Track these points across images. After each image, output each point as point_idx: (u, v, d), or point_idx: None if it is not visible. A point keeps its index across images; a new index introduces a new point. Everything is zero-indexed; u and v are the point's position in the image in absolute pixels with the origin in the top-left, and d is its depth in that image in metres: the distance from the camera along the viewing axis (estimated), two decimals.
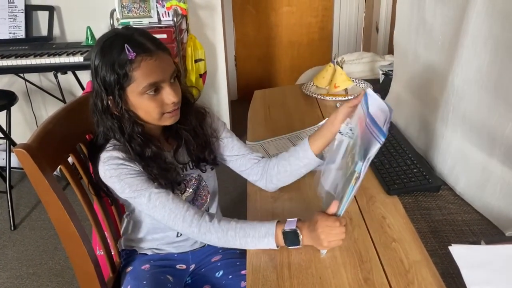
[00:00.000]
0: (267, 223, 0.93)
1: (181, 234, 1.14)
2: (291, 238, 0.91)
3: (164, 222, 0.98)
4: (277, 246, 0.92)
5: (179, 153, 1.09)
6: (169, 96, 0.97)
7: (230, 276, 1.12)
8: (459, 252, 0.81)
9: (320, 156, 1.05)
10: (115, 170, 0.97)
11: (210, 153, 1.11)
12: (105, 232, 1.16)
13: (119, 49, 0.92)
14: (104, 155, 1.00)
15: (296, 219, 0.92)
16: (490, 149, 0.96)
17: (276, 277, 0.85)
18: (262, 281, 0.85)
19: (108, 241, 1.18)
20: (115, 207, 1.22)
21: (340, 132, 0.96)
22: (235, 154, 1.14)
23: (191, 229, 0.96)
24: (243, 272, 1.08)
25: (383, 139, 0.78)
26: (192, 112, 1.08)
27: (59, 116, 1.06)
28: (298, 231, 0.90)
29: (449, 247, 0.84)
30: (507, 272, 0.77)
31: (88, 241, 1.04)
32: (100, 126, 1.01)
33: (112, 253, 1.19)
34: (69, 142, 1.08)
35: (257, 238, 0.92)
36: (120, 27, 2.40)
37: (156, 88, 0.96)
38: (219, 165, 1.18)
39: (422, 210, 1.01)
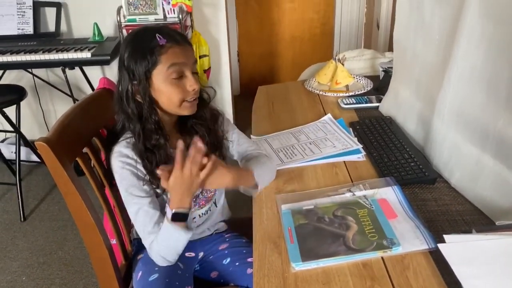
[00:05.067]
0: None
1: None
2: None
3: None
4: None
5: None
6: (191, 83, 1.05)
7: (237, 263, 1.18)
8: (449, 250, 0.86)
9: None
10: (120, 169, 1.06)
11: (220, 154, 1.18)
12: (118, 222, 1.23)
13: (149, 38, 1.02)
14: (116, 148, 1.08)
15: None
16: (483, 143, 1.02)
17: (281, 263, 0.91)
18: (268, 266, 0.91)
19: (121, 230, 1.24)
20: None
21: (351, 191, 1.09)
22: (241, 153, 1.23)
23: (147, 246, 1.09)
24: (249, 259, 1.15)
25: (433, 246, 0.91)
26: (207, 110, 1.14)
27: (75, 111, 1.12)
28: (167, 204, 1.04)
29: (444, 236, 0.89)
30: (496, 264, 0.82)
31: (103, 230, 1.10)
32: (120, 114, 1.08)
33: (125, 242, 1.26)
34: (85, 136, 1.14)
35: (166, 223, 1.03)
36: (126, 23, 2.46)
37: (179, 73, 1.04)
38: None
39: (418, 201, 1.07)
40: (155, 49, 1.01)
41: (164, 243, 1.05)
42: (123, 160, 1.06)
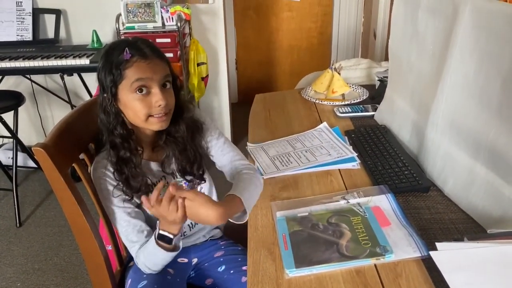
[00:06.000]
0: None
1: (183, 234, 1.21)
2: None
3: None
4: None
5: (166, 163, 1.14)
6: (157, 98, 1.02)
7: (232, 271, 1.19)
8: (441, 257, 0.86)
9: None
10: (99, 179, 1.08)
11: (199, 168, 1.16)
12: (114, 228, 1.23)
13: (119, 52, 1.02)
14: (96, 159, 1.10)
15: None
16: (476, 153, 1.03)
17: (275, 270, 0.92)
18: (262, 273, 0.91)
19: (116, 236, 1.24)
20: None
21: (346, 199, 1.10)
22: (225, 163, 1.21)
23: (133, 255, 1.11)
24: (244, 268, 1.15)
25: (426, 253, 0.92)
26: (184, 124, 1.12)
27: (72, 117, 1.13)
28: (157, 227, 1.04)
29: (436, 244, 0.90)
30: (487, 272, 0.83)
31: (99, 236, 1.10)
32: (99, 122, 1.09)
33: (120, 248, 1.26)
34: (82, 142, 1.15)
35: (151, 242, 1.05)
36: (125, 30, 2.48)
37: (144, 87, 1.02)
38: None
39: (412, 210, 1.08)
40: (121, 63, 1.01)
41: (149, 257, 1.07)
42: (101, 171, 1.08)
